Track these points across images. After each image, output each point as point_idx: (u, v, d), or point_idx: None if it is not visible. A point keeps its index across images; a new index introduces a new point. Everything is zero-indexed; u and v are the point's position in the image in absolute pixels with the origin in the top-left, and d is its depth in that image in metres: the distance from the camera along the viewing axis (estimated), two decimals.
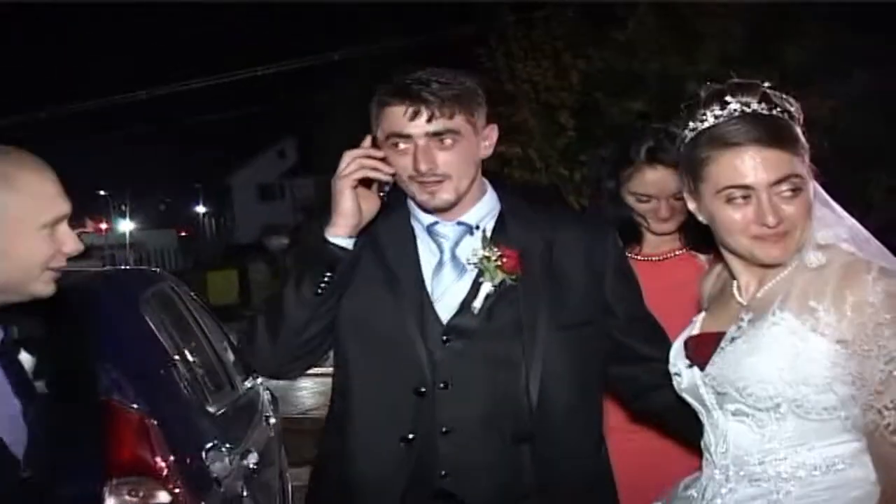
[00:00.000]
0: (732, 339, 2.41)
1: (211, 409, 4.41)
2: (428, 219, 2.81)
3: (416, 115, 2.66)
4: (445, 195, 2.71)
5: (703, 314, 2.67)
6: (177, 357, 4.36)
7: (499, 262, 2.71)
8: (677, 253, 3.58)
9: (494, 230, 2.81)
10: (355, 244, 2.73)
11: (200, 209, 62.80)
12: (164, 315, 4.67)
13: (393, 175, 2.73)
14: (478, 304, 2.71)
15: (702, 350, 2.49)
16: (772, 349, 2.31)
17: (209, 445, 4.06)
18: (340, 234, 2.70)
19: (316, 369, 3.05)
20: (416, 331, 2.72)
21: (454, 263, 2.78)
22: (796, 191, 2.35)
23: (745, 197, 2.36)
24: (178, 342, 4.58)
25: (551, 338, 2.72)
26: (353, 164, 2.70)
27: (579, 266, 2.82)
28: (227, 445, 4.32)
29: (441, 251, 2.80)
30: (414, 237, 2.84)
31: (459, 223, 2.80)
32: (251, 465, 4.51)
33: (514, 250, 2.73)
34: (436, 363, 2.71)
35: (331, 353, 2.86)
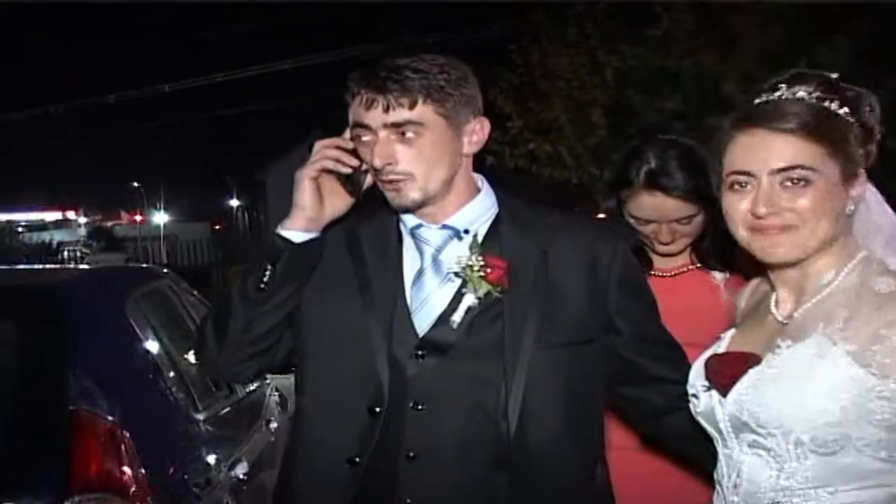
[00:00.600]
0: (760, 364, 2.16)
1: (199, 416, 4.18)
2: (412, 220, 2.57)
3: (372, 103, 2.45)
4: (410, 194, 2.49)
5: (732, 331, 2.42)
6: (165, 361, 4.15)
7: (482, 273, 2.46)
8: (690, 268, 3.31)
9: (486, 236, 2.56)
10: (313, 241, 2.52)
11: (234, 203, 63.06)
12: (156, 315, 4.48)
13: (358, 168, 2.52)
14: (457, 317, 2.47)
15: (725, 371, 2.24)
16: (804, 380, 2.07)
17: (191, 456, 3.85)
18: (294, 228, 2.50)
19: None
20: (383, 343, 2.49)
21: (436, 271, 2.54)
22: (804, 182, 2.12)
23: (746, 184, 2.17)
24: (169, 345, 4.37)
25: (538, 358, 2.47)
26: (317, 154, 2.51)
27: (580, 277, 2.57)
28: (214, 455, 4.10)
29: (423, 257, 2.56)
30: (399, 240, 2.60)
31: (445, 227, 2.55)
32: (240, 476, 4.27)
33: (501, 260, 2.49)
34: (407, 380, 2.47)
35: None
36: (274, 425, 5.49)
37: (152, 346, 4.12)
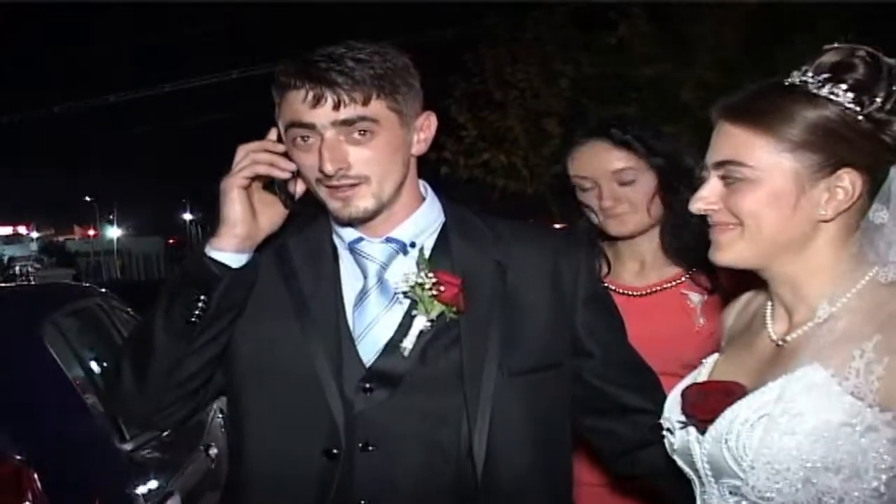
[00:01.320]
0: (746, 396, 1.88)
1: (126, 446, 3.84)
2: (350, 234, 2.24)
3: (318, 99, 2.11)
4: (362, 203, 2.16)
5: (715, 356, 2.13)
6: (87, 387, 3.84)
7: (434, 292, 2.14)
8: (664, 287, 3.02)
9: (434, 249, 2.25)
10: (250, 263, 2.17)
11: (188, 216, 62.47)
12: (80, 337, 4.18)
13: (296, 174, 2.19)
14: (408, 343, 2.15)
15: (705, 405, 1.94)
16: (796, 419, 1.78)
17: (113, 493, 3.52)
18: (225, 249, 2.14)
19: None
20: (330, 375, 2.15)
21: (382, 291, 2.22)
22: (738, 180, 1.91)
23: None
24: (94, 369, 4.05)
25: (502, 387, 2.15)
26: (245, 159, 2.15)
27: (542, 294, 2.26)
28: (142, 489, 3.78)
29: (366, 275, 2.23)
30: (335, 257, 2.26)
31: (389, 240, 2.23)
32: None
33: (455, 277, 2.16)
34: (354, 417, 2.13)
35: None
36: (214, 451, 5.14)
37: (73, 371, 3.81)
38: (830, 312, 1.87)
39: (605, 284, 2.83)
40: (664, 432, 2.07)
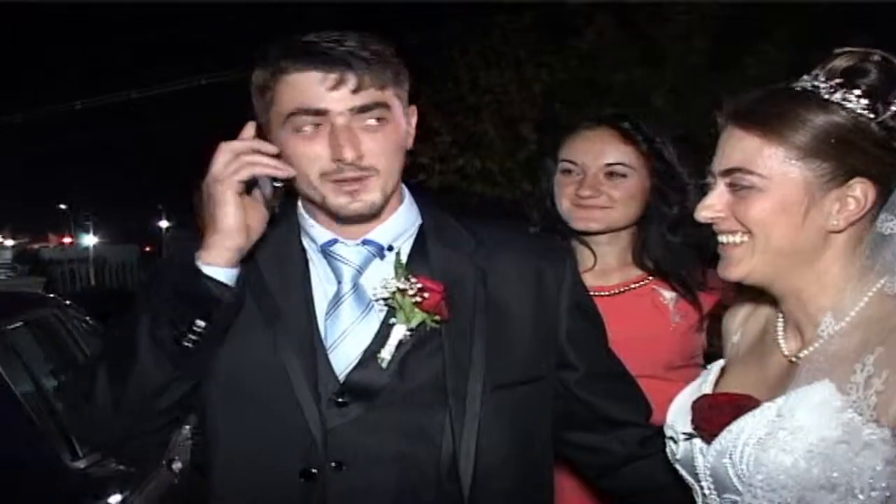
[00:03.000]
0: (756, 410, 1.80)
1: (79, 464, 3.69)
2: (323, 236, 2.11)
3: (338, 83, 1.98)
4: (370, 196, 2.04)
5: (720, 363, 2.06)
6: (35, 403, 3.69)
7: (417, 299, 2.01)
8: (633, 287, 2.91)
9: (412, 254, 2.13)
10: (239, 278, 2.02)
11: (164, 224, 61.98)
12: (31, 350, 4.02)
13: (286, 181, 2.05)
14: (386, 353, 2.03)
15: (715, 419, 1.86)
16: (803, 438, 1.71)
17: None
18: (219, 263, 1.97)
19: None
20: (306, 388, 2.01)
21: (357, 297, 2.09)
22: (746, 188, 1.85)
23: None
24: (45, 382, 3.90)
25: (487, 401, 2.03)
26: (235, 161, 1.97)
27: (526, 303, 2.15)
28: None
29: (340, 280, 2.10)
30: (305, 261, 2.13)
31: (366, 242, 2.11)
32: None
33: (437, 283, 2.04)
34: (327, 434, 2.00)
35: None
36: (178, 465, 4.99)
37: (21, 386, 3.65)
38: (839, 327, 1.80)
39: None
40: (667, 440, 2.01)
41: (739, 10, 12.46)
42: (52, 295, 5.97)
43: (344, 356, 2.06)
